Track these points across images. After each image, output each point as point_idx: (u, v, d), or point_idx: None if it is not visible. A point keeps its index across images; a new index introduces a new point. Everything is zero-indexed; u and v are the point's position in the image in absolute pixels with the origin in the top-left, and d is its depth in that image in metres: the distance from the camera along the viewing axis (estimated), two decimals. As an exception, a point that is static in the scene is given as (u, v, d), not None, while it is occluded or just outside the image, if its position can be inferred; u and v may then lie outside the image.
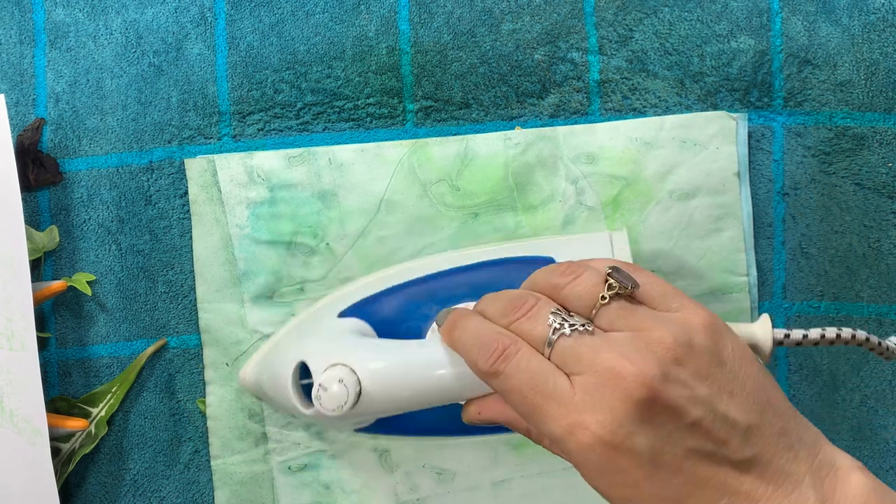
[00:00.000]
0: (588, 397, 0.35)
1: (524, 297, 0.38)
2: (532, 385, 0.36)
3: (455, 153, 0.50)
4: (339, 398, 0.41)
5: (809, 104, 0.51)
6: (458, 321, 0.40)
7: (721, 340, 0.36)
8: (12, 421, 0.47)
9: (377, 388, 0.42)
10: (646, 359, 0.35)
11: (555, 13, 0.51)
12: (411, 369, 0.42)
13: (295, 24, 0.51)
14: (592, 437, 0.34)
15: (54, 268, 0.52)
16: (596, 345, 0.36)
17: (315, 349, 0.44)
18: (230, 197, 0.50)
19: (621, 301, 0.37)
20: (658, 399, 0.34)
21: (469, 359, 0.39)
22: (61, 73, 0.52)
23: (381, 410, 0.43)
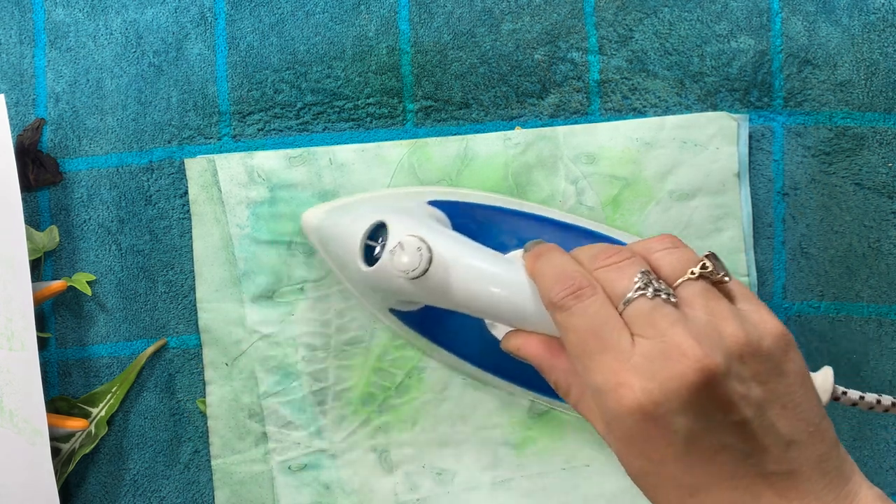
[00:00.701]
0: (645, 362, 0.34)
1: (618, 248, 0.38)
2: (594, 330, 0.36)
3: (455, 153, 0.50)
4: (412, 262, 0.41)
5: (809, 104, 0.51)
6: (547, 252, 0.40)
7: (788, 353, 0.36)
8: (12, 421, 0.47)
9: (448, 273, 0.42)
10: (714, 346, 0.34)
11: (555, 13, 0.51)
12: (485, 271, 0.42)
13: (295, 24, 0.51)
14: (634, 402, 0.34)
15: (54, 268, 0.52)
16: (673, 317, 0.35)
17: (399, 217, 0.45)
18: (230, 197, 0.50)
19: (707, 283, 0.37)
20: (714, 389, 0.34)
21: (543, 286, 0.39)
22: (61, 73, 0.52)
23: (437, 297, 0.43)
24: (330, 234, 0.48)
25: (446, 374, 0.50)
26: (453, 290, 0.42)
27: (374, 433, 0.51)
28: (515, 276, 0.42)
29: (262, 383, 0.51)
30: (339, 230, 0.47)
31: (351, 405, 0.51)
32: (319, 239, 0.49)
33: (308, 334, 0.50)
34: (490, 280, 0.42)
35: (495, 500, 0.51)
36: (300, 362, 0.50)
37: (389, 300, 0.48)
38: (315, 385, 0.50)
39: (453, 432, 0.50)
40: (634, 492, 0.50)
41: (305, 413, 0.50)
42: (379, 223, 0.45)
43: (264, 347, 0.50)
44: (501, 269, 0.42)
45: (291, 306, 0.50)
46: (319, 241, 0.49)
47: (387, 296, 0.47)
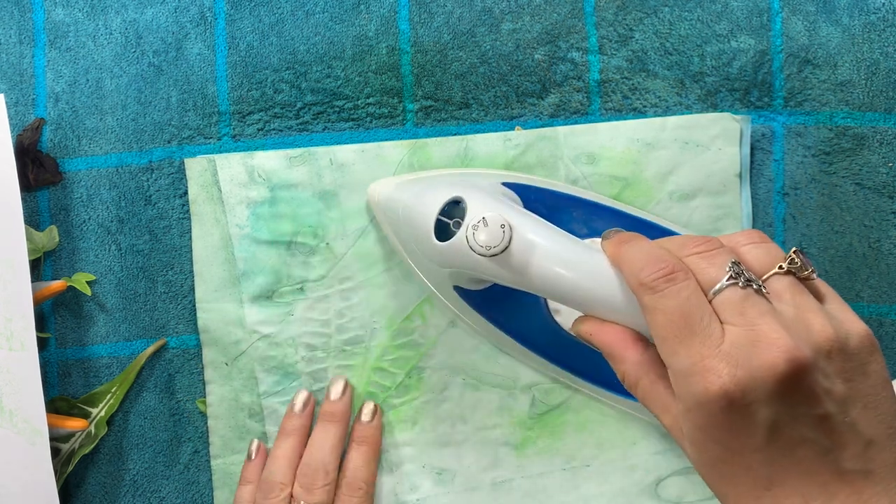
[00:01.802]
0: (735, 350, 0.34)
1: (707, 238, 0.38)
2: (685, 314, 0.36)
3: (455, 153, 0.50)
4: (495, 238, 0.41)
5: (810, 104, 0.51)
6: (633, 238, 0.40)
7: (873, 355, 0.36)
8: (12, 421, 0.47)
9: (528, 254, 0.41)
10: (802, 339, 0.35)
11: (555, 13, 0.51)
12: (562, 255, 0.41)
13: (295, 23, 0.51)
14: (721, 388, 0.34)
15: (54, 268, 0.52)
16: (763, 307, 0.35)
17: (477, 194, 0.44)
18: (230, 197, 0.50)
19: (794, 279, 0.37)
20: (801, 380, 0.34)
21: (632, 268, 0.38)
22: (61, 73, 0.52)
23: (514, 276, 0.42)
24: (399, 206, 0.47)
25: (446, 374, 0.50)
26: (531, 270, 0.42)
27: (375, 433, 0.51)
28: (596, 260, 0.41)
29: (261, 383, 0.51)
30: (411, 204, 0.46)
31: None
32: (385, 211, 0.48)
33: (308, 334, 0.50)
34: (569, 263, 0.41)
35: (495, 500, 0.51)
36: (300, 362, 0.50)
37: (457, 277, 0.47)
38: (315, 385, 0.50)
39: (453, 432, 0.50)
40: (634, 491, 0.50)
41: (305, 413, 0.50)
42: (454, 200, 0.44)
43: (264, 347, 0.50)
44: (581, 253, 0.41)
45: (291, 306, 0.50)
46: (385, 213, 0.48)
47: (455, 273, 0.46)
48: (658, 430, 0.50)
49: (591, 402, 0.50)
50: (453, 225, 0.44)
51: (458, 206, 0.44)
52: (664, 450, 0.50)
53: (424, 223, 0.45)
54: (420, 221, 0.45)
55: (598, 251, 0.41)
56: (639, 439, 0.50)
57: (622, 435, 0.50)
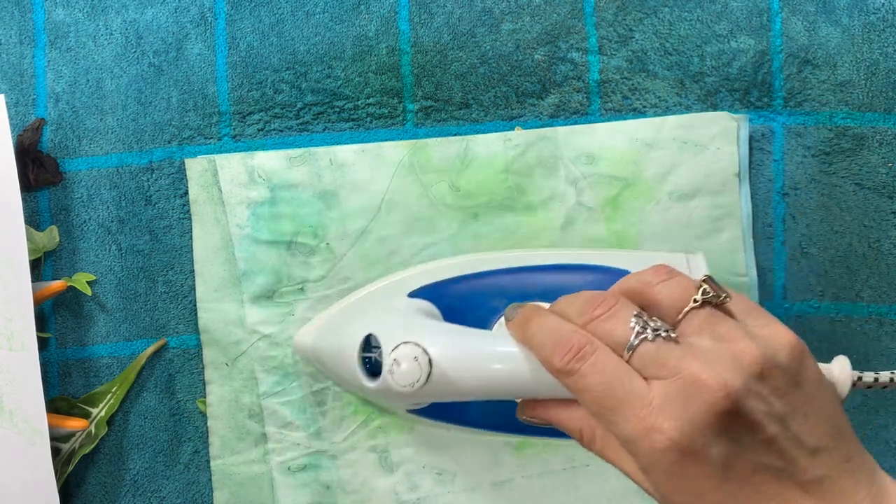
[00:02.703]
0: (667, 403, 0.35)
1: (604, 296, 0.38)
2: (608, 385, 0.36)
3: (455, 154, 0.50)
4: (412, 375, 0.41)
5: (809, 104, 0.51)
6: (533, 317, 0.40)
7: (804, 362, 0.36)
8: (12, 421, 0.47)
9: (449, 371, 0.42)
10: (730, 370, 0.35)
11: (555, 13, 0.51)
12: (484, 358, 0.42)
13: (295, 24, 0.51)
14: (668, 443, 0.34)
15: (54, 268, 0.52)
16: (679, 352, 0.36)
17: (386, 324, 0.44)
18: (231, 197, 0.50)
19: (711, 309, 0.37)
20: (739, 411, 0.34)
21: (542, 355, 0.39)
22: (61, 73, 0.52)
23: (447, 395, 0.43)
24: (326, 354, 0.48)
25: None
26: (458, 385, 0.42)
27: (374, 433, 0.51)
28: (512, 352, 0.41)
29: (261, 383, 0.51)
30: (334, 350, 0.47)
31: (351, 405, 0.51)
32: (316, 360, 0.49)
33: (308, 334, 0.50)
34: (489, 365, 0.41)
35: (495, 500, 0.51)
36: (300, 362, 0.50)
37: (403, 405, 0.48)
38: (315, 385, 0.50)
39: (453, 432, 0.50)
40: (634, 491, 0.50)
41: (305, 413, 0.50)
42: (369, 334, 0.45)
43: (264, 348, 0.50)
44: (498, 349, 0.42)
45: (291, 306, 0.50)
46: (317, 361, 0.49)
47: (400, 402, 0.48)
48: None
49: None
50: (378, 356, 0.44)
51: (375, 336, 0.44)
52: (664, 450, 0.50)
53: (350, 369, 0.45)
54: (347, 368, 0.45)
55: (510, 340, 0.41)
56: (639, 439, 0.50)
57: (622, 435, 0.50)
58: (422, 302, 0.48)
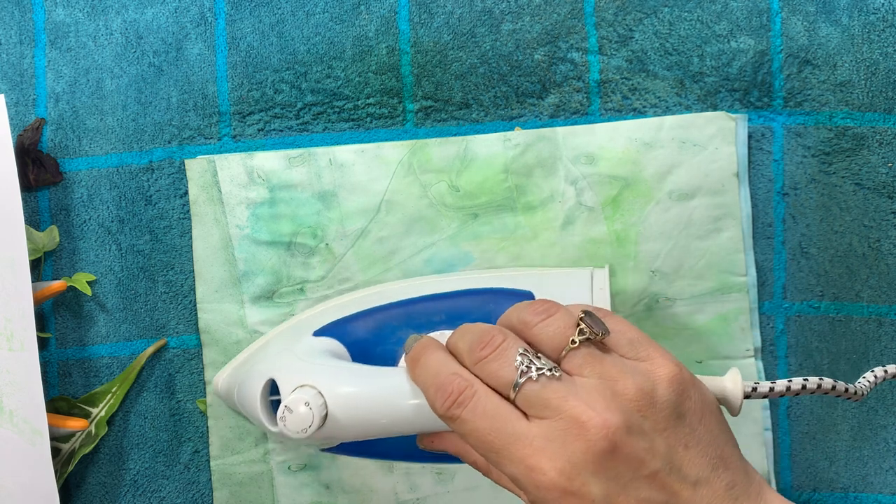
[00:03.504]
0: (549, 443, 0.35)
1: (492, 334, 0.38)
2: (490, 428, 0.37)
3: (455, 154, 0.50)
4: (303, 421, 0.41)
5: (809, 104, 0.51)
6: (421, 356, 0.40)
7: (684, 393, 0.37)
8: (12, 421, 0.47)
9: (343, 413, 0.42)
10: (610, 408, 0.35)
11: (555, 13, 0.51)
12: (378, 398, 0.42)
13: (295, 24, 0.51)
14: (549, 482, 0.35)
15: (54, 268, 0.52)
16: (562, 391, 0.36)
17: (285, 367, 0.44)
18: (230, 197, 0.51)
19: (591, 347, 0.37)
20: (619, 450, 0.35)
21: (428, 398, 0.39)
22: (61, 73, 0.52)
23: (345, 436, 0.43)
24: (237, 398, 0.48)
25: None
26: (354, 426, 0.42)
27: (374, 433, 0.51)
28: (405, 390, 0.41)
29: (261, 383, 0.51)
30: (244, 395, 0.47)
31: (351, 405, 0.51)
32: (233, 405, 0.49)
33: (308, 334, 0.50)
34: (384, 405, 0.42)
35: (495, 499, 0.51)
36: (300, 362, 0.50)
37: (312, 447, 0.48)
38: (315, 385, 0.50)
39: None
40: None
41: (305, 413, 0.50)
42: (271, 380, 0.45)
43: (264, 347, 0.50)
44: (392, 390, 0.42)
45: (291, 307, 0.50)
46: (234, 406, 0.49)
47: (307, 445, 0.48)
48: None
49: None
50: None
51: None
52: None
53: (255, 414, 0.45)
54: (252, 412, 0.45)
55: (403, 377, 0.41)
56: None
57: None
58: (326, 341, 0.47)
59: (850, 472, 0.51)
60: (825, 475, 0.51)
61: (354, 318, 0.48)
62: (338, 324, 0.48)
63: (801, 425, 0.51)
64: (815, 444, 0.51)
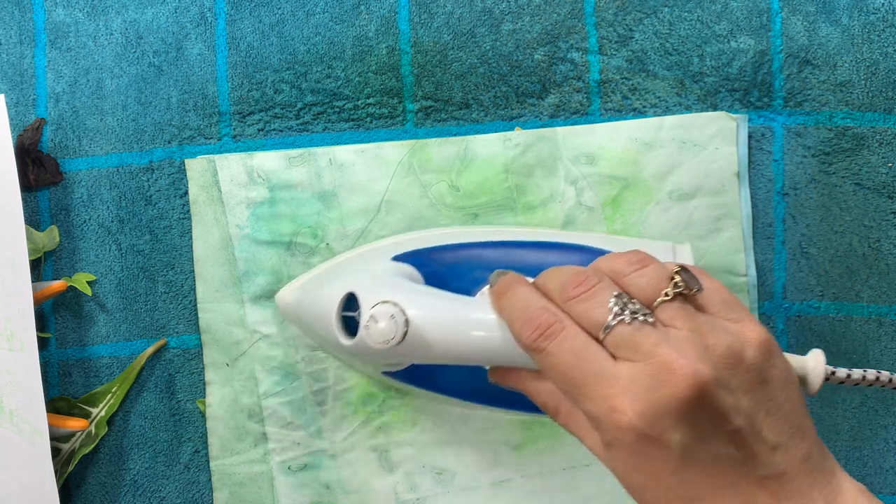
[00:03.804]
0: (635, 385, 0.35)
1: (587, 274, 0.38)
2: (576, 364, 0.36)
3: (455, 154, 0.50)
4: (387, 333, 0.41)
5: (809, 104, 0.51)
6: (509, 288, 0.40)
7: (771, 359, 0.37)
8: (12, 421, 0.47)
9: (425, 332, 0.42)
10: (701, 360, 0.35)
11: (555, 13, 0.51)
12: (460, 323, 0.42)
13: (295, 24, 0.51)
14: (629, 424, 0.35)
15: (54, 268, 0.52)
16: (654, 337, 0.36)
17: (367, 284, 0.44)
18: (230, 197, 0.51)
19: (683, 301, 0.37)
20: (706, 402, 0.35)
21: (513, 330, 0.39)
22: (61, 73, 0.52)
23: (421, 357, 0.43)
24: (307, 311, 0.48)
25: (446, 374, 0.51)
26: (433, 346, 0.42)
27: (375, 433, 0.51)
28: (488, 319, 0.41)
29: (262, 383, 0.51)
30: (316, 308, 0.47)
31: (351, 405, 0.51)
32: (297, 318, 0.49)
33: (308, 334, 0.50)
34: (465, 330, 0.42)
35: (495, 500, 0.51)
36: (300, 362, 0.50)
37: (379, 364, 0.48)
38: (315, 385, 0.50)
39: (453, 432, 0.50)
40: (634, 492, 0.50)
41: (305, 413, 0.51)
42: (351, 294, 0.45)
43: (264, 348, 0.50)
44: (475, 316, 0.42)
45: (291, 306, 0.50)
46: (297, 320, 0.49)
47: (376, 363, 0.48)
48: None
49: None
50: (358, 316, 0.44)
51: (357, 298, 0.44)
52: (664, 450, 0.50)
53: (329, 326, 0.45)
54: (326, 324, 0.45)
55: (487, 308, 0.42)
56: (638, 439, 0.50)
57: (622, 435, 0.50)
58: (405, 266, 0.48)
59: (850, 472, 0.51)
60: (825, 475, 0.51)
61: (436, 250, 0.48)
62: (419, 252, 0.48)
63: (801, 425, 0.51)
64: (815, 444, 0.51)
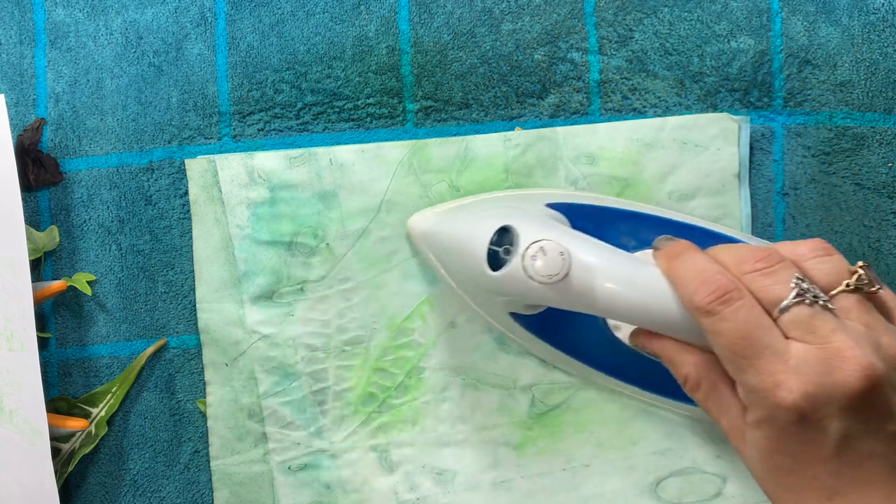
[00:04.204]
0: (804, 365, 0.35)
1: (769, 251, 0.38)
2: (745, 334, 0.36)
3: (455, 154, 0.50)
4: (553, 267, 0.41)
5: (809, 104, 0.51)
6: (683, 251, 0.40)
7: None
8: (12, 421, 0.47)
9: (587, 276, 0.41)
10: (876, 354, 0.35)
11: (555, 13, 0.51)
12: (624, 273, 0.41)
13: (295, 24, 0.51)
14: (793, 403, 0.34)
15: (54, 268, 0.52)
16: (832, 323, 0.36)
17: (525, 221, 0.43)
18: (231, 197, 0.51)
19: (862, 296, 0.37)
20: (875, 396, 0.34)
21: (684, 290, 0.38)
22: (61, 73, 0.52)
23: (573, 301, 0.42)
24: (446, 238, 0.47)
25: (446, 374, 0.50)
26: (590, 294, 0.41)
27: (375, 433, 0.51)
28: (652, 278, 0.41)
29: (261, 384, 0.51)
30: (459, 235, 0.46)
31: (351, 405, 0.51)
32: (429, 244, 0.48)
33: (308, 334, 0.50)
34: (627, 283, 0.41)
35: (495, 500, 0.51)
36: (300, 363, 0.50)
37: (512, 304, 0.47)
38: (315, 385, 0.51)
39: (453, 432, 0.50)
40: (634, 492, 0.50)
41: (305, 413, 0.51)
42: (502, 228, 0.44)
43: (264, 348, 0.50)
44: (638, 272, 0.41)
45: (291, 307, 0.50)
46: (429, 245, 0.48)
47: (510, 300, 0.46)
48: (658, 430, 0.50)
49: (591, 403, 0.50)
50: (503, 252, 0.43)
51: (507, 233, 0.44)
52: (664, 450, 0.50)
53: (476, 254, 0.44)
54: (471, 252, 0.44)
55: (653, 267, 0.41)
56: (639, 439, 0.50)
57: (622, 435, 0.50)
58: (557, 214, 0.47)
59: (850, 471, 0.51)
60: (825, 475, 0.51)
61: (590, 207, 0.48)
62: (573, 205, 0.48)
63: (801, 425, 0.51)
64: (815, 443, 0.51)
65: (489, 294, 0.46)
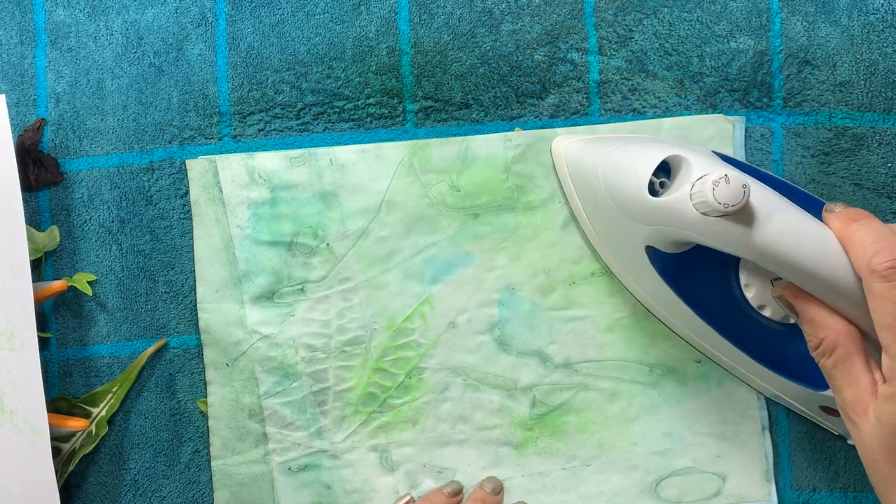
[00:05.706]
0: None
1: None
2: None
3: (455, 154, 0.50)
4: (735, 196, 0.40)
5: (809, 104, 0.51)
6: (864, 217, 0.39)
7: None
8: (12, 421, 0.47)
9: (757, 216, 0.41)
10: None
11: (555, 13, 0.51)
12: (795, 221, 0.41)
13: (295, 24, 0.51)
14: None
15: (55, 268, 0.52)
16: None
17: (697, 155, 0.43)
18: (231, 197, 0.51)
19: None
20: None
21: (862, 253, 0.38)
22: (62, 73, 0.52)
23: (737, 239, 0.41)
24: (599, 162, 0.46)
25: (446, 374, 0.50)
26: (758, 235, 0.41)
27: (375, 433, 0.51)
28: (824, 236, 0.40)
29: (262, 384, 0.51)
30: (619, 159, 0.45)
31: (351, 405, 0.51)
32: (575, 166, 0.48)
33: (308, 335, 0.50)
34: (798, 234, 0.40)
35: (495, 499, 0.51)
36: (300, 363, 0.50)
37: (656, 238, 0.46)
38: (315, 385, 0.51)
39: (454, 432, 0.51)
40: (634, 492, 0.50)
41: (306, 413, 0.51)
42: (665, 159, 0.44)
43: (264, 348, 0.50)
44: (811, 226, 0.41)
45: (291, 307, 0.50)
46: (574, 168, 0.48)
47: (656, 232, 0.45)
48: (658, 430, 0.50)
49: (592, 404, 0.51)
50: (659, 185, 0.43)
51: (662, 168, 0.44)
52: (664, 450, 0.50)
53: (636, 179, 0.44)
54: (630, 177, 0.44)
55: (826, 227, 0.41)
56: (639, 440, 0.50)
57: (622, 435, 0.50)
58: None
59: (850, 472, 0.51)
60: (825, 475, 0.51)
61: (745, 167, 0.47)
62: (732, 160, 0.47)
63: (800, 425, 0.51)
64: (814, 443, 0.51)
65: (634, 224, 0.45)
